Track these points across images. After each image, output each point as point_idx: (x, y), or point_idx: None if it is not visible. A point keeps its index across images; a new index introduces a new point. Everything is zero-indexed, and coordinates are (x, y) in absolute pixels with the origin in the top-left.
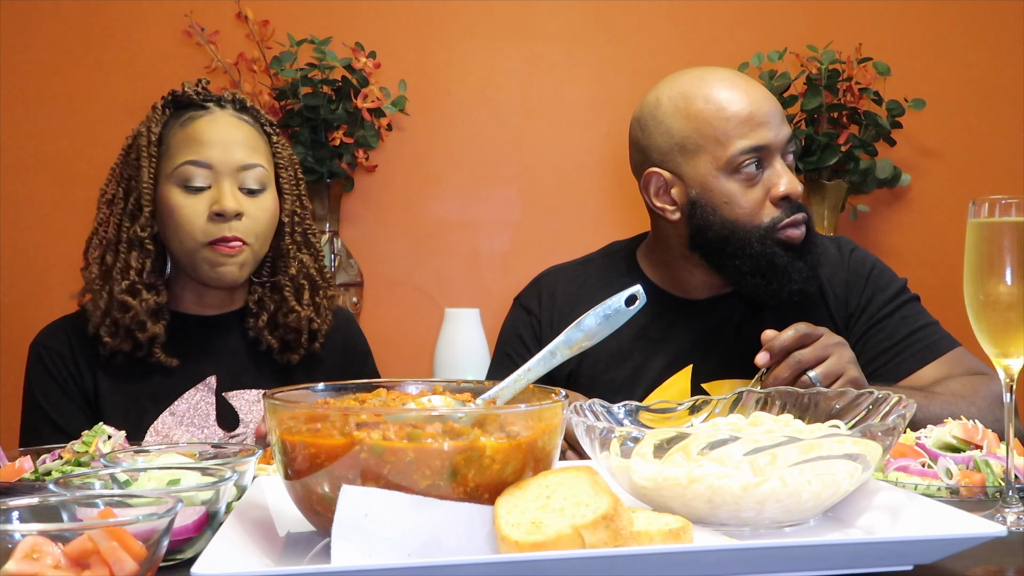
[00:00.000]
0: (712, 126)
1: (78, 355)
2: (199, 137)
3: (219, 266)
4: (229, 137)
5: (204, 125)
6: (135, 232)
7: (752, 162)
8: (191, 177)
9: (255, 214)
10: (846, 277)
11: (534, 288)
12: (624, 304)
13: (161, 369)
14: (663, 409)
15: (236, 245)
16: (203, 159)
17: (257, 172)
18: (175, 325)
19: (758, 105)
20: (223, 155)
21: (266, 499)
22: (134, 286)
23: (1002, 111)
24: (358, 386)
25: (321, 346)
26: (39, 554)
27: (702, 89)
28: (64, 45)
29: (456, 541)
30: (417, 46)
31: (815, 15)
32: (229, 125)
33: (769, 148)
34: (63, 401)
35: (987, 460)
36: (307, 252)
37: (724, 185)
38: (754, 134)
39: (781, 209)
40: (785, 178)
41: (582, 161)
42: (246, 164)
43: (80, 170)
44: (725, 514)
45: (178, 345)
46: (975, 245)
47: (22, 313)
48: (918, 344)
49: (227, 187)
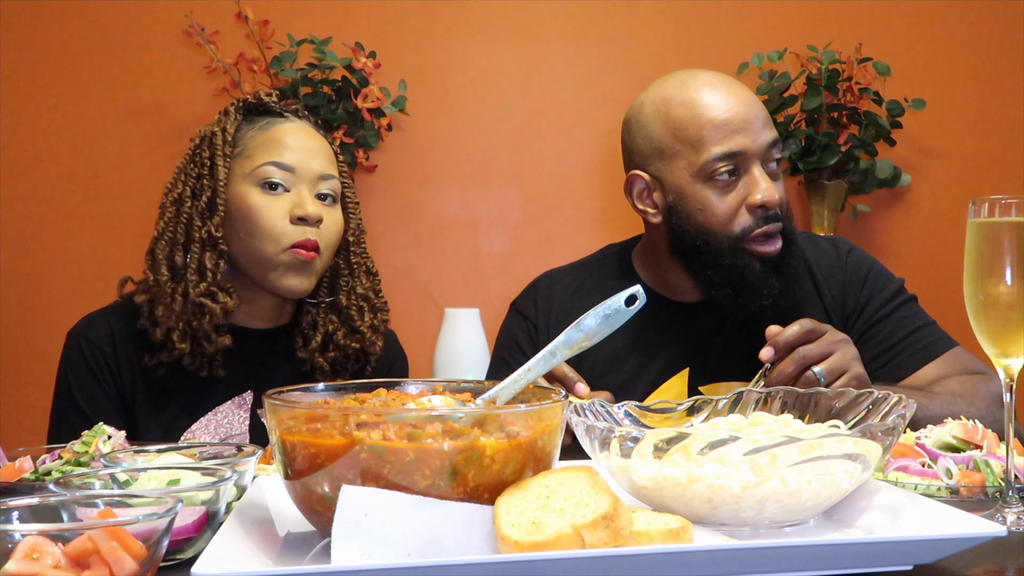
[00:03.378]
0: (687, 131)
1: (120, 352)
2: (281, 140)
3: (296, 273)
4: (309, 145)
5: (286, 131)
6: (208, 231)
7: (727, 169)
8: (272, 177)
9: (330, 224)
10: (843, 278)
11: (530, 293)
12: (624, 304)
13: (198, 379)
14: (663, 409)
15: (314, 252)
16: (286, 162)
17: (333, 183)
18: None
19: (735, 111)
20: (305, 160)
21: (266, 499)
22: (210, 288)
23: (1002, 111)
24: (358, 386)
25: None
26: (39, 554)
27: (682, 94)
28: (64, 45)
29: (456, 541)
30: (417, 46)
31: (815, 15)
32: (308, 135)
33: (745, 155)
34: (98, 395)
35: (987, 460)
36: (367, 272)
37: (699, 191)
38: (729, 140)
39: (755, 218)
40: (761, 185)
41: (582, 161)
42: (325, 174)
43: (80, 170)
44: (725, 514)
45: (225, 357)
46: (975, 245)
47: (22, 313)
48: (916, 344)
49: (307, 193)
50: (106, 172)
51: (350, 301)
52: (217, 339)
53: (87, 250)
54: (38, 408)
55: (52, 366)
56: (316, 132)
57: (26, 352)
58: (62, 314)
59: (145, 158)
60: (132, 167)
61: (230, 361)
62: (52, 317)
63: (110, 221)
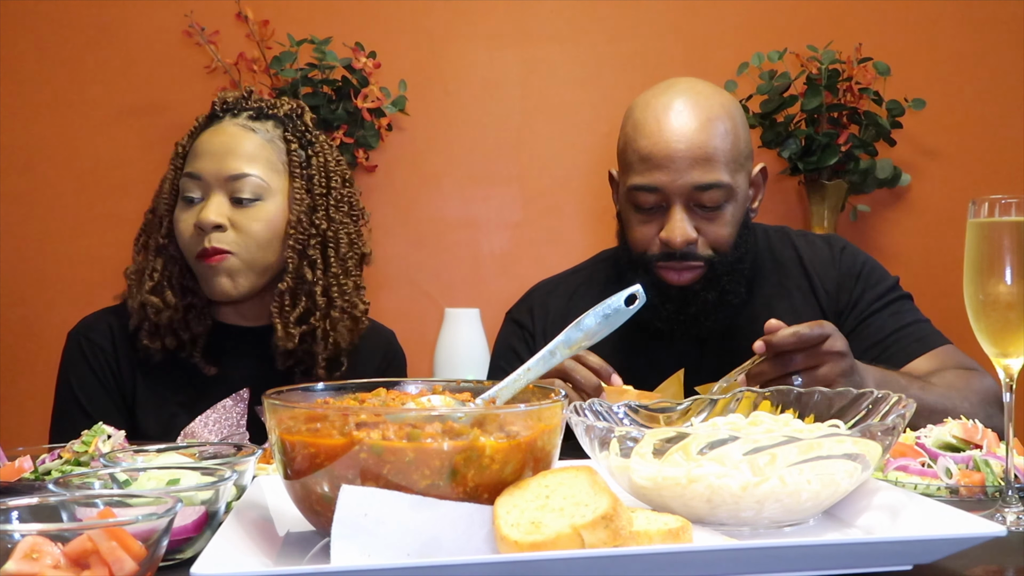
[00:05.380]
0: (624, 152)
1: (120, 350)
2: (198, 149)
3: (210, 278)
4: (224, 147)
5: (206, 136)
6: (157, 239)
7: (649, 199)
8: (186, 189)
9: (244, 224)
10: (837, 275)
11: (525, 302)
12: (624, 304)
13: (197, 376)
14: (662, 409)
15: (219, 257)
16: (195, 171)
17: (249, 182)
18: (216, 334)
19: (661, 147)
20: (213, 166)
21: (266, 499)
22: (157, 287)
23: (1002, 111)
24: (357, 386)
25: (359, 364)
26: (38, 554)
27: (638, 112)
28: (64, 45)
29: (455, 541)
30: (417, 46)
31: (815, 15)
32: (229, 135)
33: (663, 192)
34: (100, 394)
35: (987, 460)
36: (311, 265)
37: (627, 210)
38: (648, 174)
39: (664, 251)
40: (669, 225)
41: (582, 161)
42: (235, 174)
43: (80, 170)
44: (724, 514)
45: (217, 354)
46: (975, 245)
47: (22, 313)
48: (907, 338)
49: (215, 199)
50: (106, 172)
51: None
52: (194, 326)
53: (87, 250)
54: (38, 408)
55: (52, 366)
56: (244, 129)
57: (26, 352)
58: (62, 314)
59: (145, 158)
60: (132, 167)
61: (227, 358)
62: (52, 317)
63: (110, 221)
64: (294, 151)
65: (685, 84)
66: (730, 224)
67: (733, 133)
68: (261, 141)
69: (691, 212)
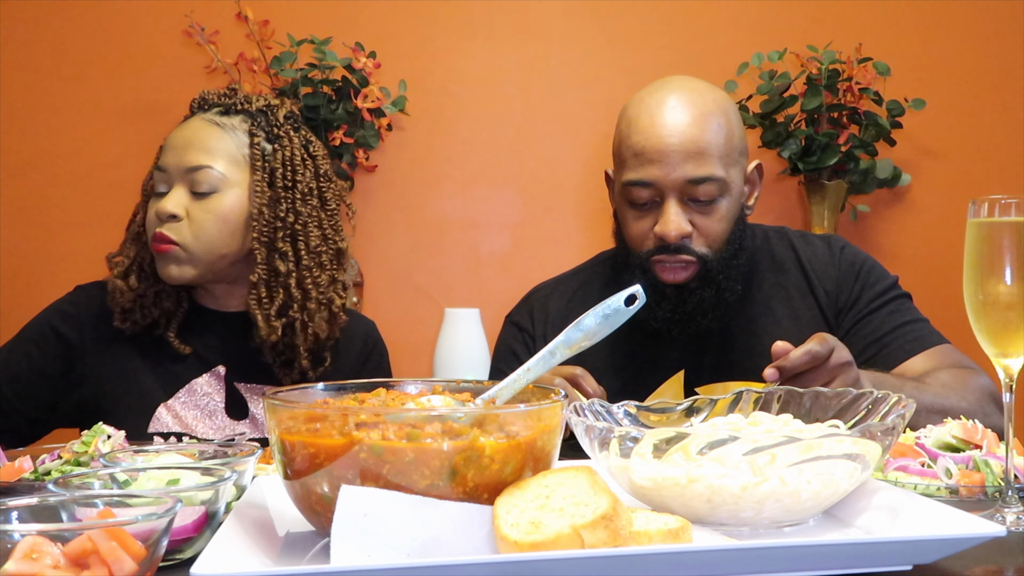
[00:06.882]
0: (619, 149)
1: (87, 335)
2: (167, 143)
3: (159, 264)
4: (186, 141)
5: (175, 131)
6: (135, 227)
7: (644, 194)
8: (154, 182)
9: (198, 217)
10: (836, 274)
11: (524, 305)
12: (623, 304)
13: (171, 355)
14: (662, 409)
15: (166, 246)
16: (161, 164)
17: (205, 174)
18: (193, 316)
19: (654, 141)
20: (175, 159)
21: (265, 499)
22: (126, 271)
23: (1002, 111)
24: (357, 386)
25: (339, 355)
26: (38, 554)
27: (632, 109)
28: (64, 45)
29: (455, 541)
30: (417, 46)
31: (815, 15)
32: (193, 129)
33: (657, 186)
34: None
35: (987, 460)
36: (282, 257)
37: (622, 206)
38: (642, 169)
39: (658, 245)
40: (665, 218)
41: (582, 161)
42: (192, 167)
43: (80, 170)
44: (724, 514)
45: (192, 335)
46: (975, 245)
47: (22, 313)
48: (905, 337)
49: (176, 191)
50: (106, 172)
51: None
52: (165, 303)
53: (87, 250)
54: None
55: None
56: (208, 123)
57: None
58: None
59: (145, 158)
60: (132, 167)
61: (203, 340)
62: None
63: (110, 221)
64: (256, 144)
65: (678, 81)
66: (724, 219)
67: (727, 128)
68: (223, 135)
69: (685, 206)
